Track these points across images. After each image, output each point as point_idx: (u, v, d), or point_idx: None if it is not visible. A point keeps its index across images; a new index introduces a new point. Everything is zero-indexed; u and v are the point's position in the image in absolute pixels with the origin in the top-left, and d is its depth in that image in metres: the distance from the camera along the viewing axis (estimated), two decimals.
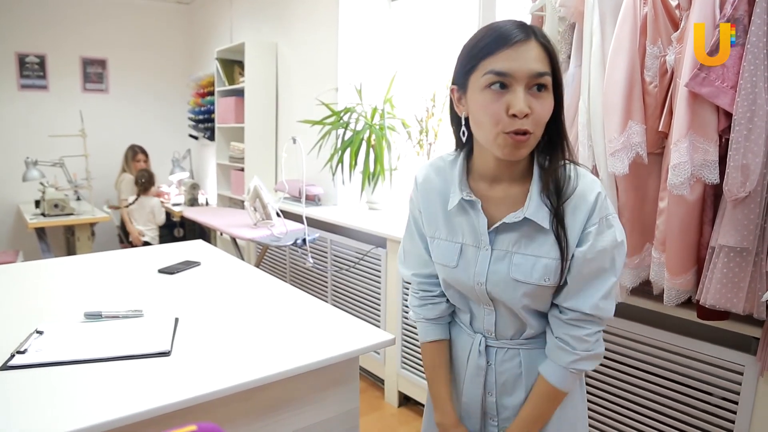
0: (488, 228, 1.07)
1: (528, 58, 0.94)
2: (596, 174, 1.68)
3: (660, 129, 1.58)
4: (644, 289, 1.72)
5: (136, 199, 4.68)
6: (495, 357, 1.18)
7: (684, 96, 1.45)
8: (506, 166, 1.06)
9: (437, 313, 1.24)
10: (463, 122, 1.06)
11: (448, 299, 1.23)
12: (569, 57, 1.83)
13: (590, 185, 1.03)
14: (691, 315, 1.63)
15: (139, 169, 4.87)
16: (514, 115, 0.94)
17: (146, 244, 4.63)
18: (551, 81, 0.98)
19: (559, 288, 1.06)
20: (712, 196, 1.52)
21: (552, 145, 1.05)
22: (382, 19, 3.65)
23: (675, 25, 1.56)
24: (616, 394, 1.87)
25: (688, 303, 1.61)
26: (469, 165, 1.12)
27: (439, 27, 3.25)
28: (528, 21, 1.97)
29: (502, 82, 0.95)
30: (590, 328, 1.06)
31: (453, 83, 1.07)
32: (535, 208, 1.03)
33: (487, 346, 1.18)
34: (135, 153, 5.00)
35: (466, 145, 1.13)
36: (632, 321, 1.81)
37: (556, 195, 1.02)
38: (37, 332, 1.37)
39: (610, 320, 1.79)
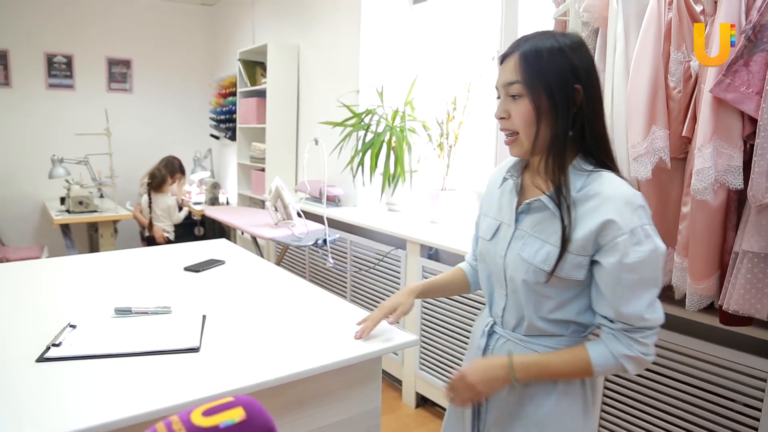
0: (517, 208, 1.19)
1: (505, 71, 1.12)
2: None
3: (683, 134, 1.58)
4: (666, 293, 1.72)
5: (150, 200, 4.71)
6: (495, 342, 1.26)
7: (708, 101, 1.45)
8: (535, 161, 1.17)
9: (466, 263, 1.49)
10: None
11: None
12: None
13: (618, 194, 1.06)
14: (713, 320, 1.62)
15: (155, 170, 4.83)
16: (499, 118, 1.14)
17: (169, 242, 4.69)
18: (524, 88, 1.09)
19: (595, 293, 1.11)
20: (736, 202, 1.52)
21: (575, 146, 1.12)
22: (404, 22, 3.67)
23: None
24: (637, 399, 1.87)
25: (711, 308, 1.61)
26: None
27: (460, 30, 3.26)
28: (551, 26, 1.99)
29: (497, 96, 1.16)
30: (645, 332, 1.09)
31: None
32: (552, 195, 1.11)
33: (492, 331, 1.27)
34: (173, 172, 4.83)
35: None
36: None
37: (562, 189, 1.09)
38: (71, 326, 1.42)
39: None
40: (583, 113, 1.09)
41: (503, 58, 1.14)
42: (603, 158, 1.12)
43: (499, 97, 1.15)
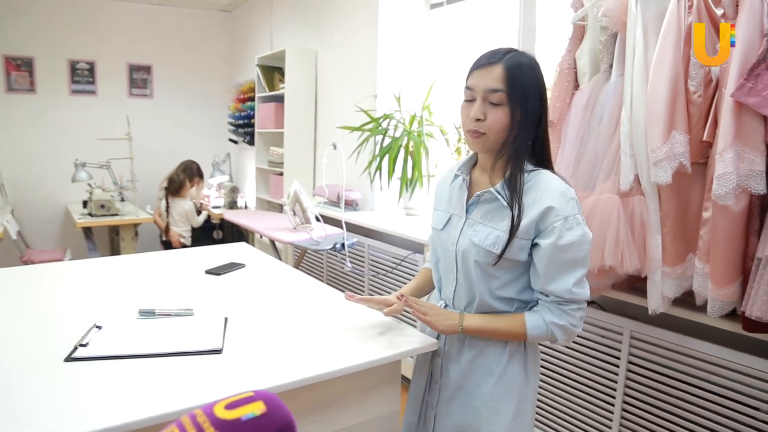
0: (467, 201, 1.36)
1: (487, 79, 1.25)
2: (638, 183, 1.68)
3: (704, 139, 1.58)
4: (686, 299, 1.71)
5: (167, 204, 4.77)
6: None
7: (730, 106, 1.44)
8: (486, 158, 1.35)
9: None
10: None
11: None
12: (611, 66, 1.84)
13: (554, 187, 1.26)
14: (735, 327, 1.61)
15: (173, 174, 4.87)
16: (476, 119, 1.25)
17: (184, 246, 4.72)
18: (505, 97, 1.24)
19: (533, 273, 1.30)
20: (759, 207, 1.51)
21: (519, 149, 1.28)
22: (421, 27, 3.69)
23: None
24: (657, 405, 1.86)
25: (733, 314, 1.60)
26: (478, 158, 1.42)
27: (477, 35, 3.27)
28: (569, 31, 1.99)
29: (469, 97, 1.29)
30: (572, 305, 1.28)
31: None
32: (500, 188, 1.30)
33: None
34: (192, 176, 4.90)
35: None
36: (674, 332, 1.80)
37: (516, 184, 1.27)
38: (96, 327, 1.45)
39: (652, 331, 1.79)
40: (541, 124, 1.29)
41: (484, 65, 1.27)
42: (544, 160, 1.32)
43: (470, 100, 1.28)
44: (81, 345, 1.33)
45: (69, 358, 1.27)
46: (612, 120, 1.78)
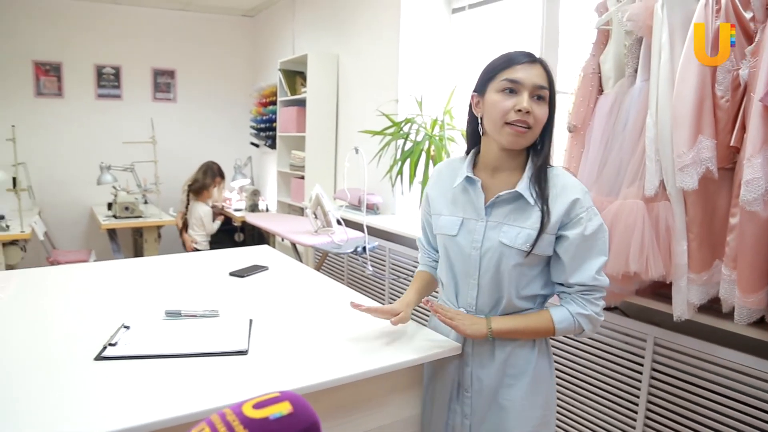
0: (485, 203, 1.36)
1: (533, 74, 1.29)
2: (664, 188, 1.67)
3: (731, 144, 1.56)
4: (713, 306, 1.69)
5: (187, 205, 4.81)
6: None
7: (759, 111, 1.43)
8: (506, 158, 1.36)
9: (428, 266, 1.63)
10: (480, 121, 1.37)
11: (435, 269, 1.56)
12: (636, 71, 1.83)
13: (572, 180, 1.35)
14: (763, 335, 1.59)
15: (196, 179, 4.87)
16: (520, 110, 1.26)
17: (195, 250, 4.71)
18: (548, 94, 1.30)
19: (555, 266, 1.35)
20: None
21: (543, 148, 1.35)
22: (443, 31, 3.70)
23: (749, 38, 1.54)
24: (681, 414, 1.84)
25: (761, 322, 1.58)
26: (477, 160, 1.42)
27: (499, 39, 3.26)
28: (593, 35, 1.98)
29: (512, 88, 1.29)
30: (596, 293, 1.33)
31: (474, 91, 1.38)
32: (524, 187, 1.32)
33: None
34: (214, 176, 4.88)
35: (475, 145, 1.43)
36: (700, 339, 1.78)
37: (543, 180, 1.32)
38: (125, 327, 1.48)
39: (676, 338, 1.77)
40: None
41: (527, 62, 1.30)
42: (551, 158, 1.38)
43: (512, 92, 1.29)
44: (110, 344, 1.35)
45: (99, 357, 1.30)
46: (637, 125, 1.77)
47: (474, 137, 1.42)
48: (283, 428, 0.66)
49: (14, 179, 4.85)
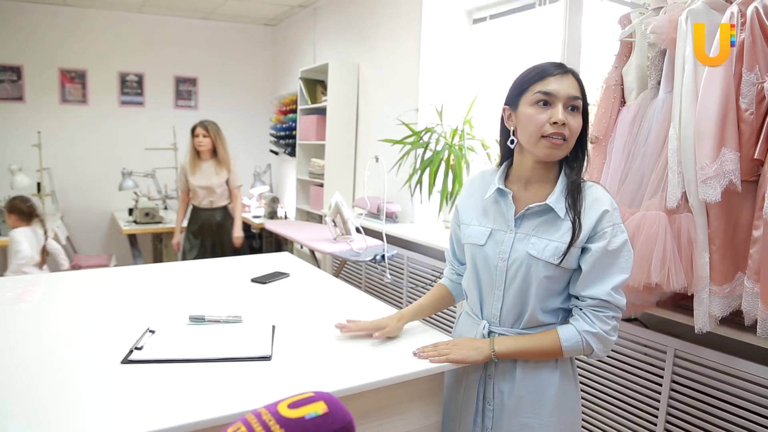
0: (515, 215, 1.35)
1: (566, 86, 1.28)
2: (686, 200, 1.67)
3: (755, 157, 1.55)
4: (735, 319, 1.68)
5: None
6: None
7: None
8: (540, 170, 1.35)
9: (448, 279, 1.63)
10: (512, 134, 1.36)
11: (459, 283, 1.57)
12: (659, 83, 1.83)
13: (604, 195, 1.32)
14: None
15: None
16: (555, 123, 1.25)
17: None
18: (582, 105, 1.29)
19: (574, 278, 1.32)
20: None
21: (576, 160, 1.35)
22: (464, 41, 3.72)
23: None
24: (701, 426, 1.82)
25: None
26: (509, 172, 1.42)
27: (519, 49, 3.27)
28: (616, 47, 1.99)
29: (546, 100, 1.27)
30: (608, 311, 1.29)
31: (505, 104, 1.38)
32: (555, 199, 1.31)
33: (490, 332, 1.41)
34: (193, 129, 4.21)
35: (508, 158, 1.42)
36: (721, 352, 1.77)
37: (576, 194, 1.30)
38: (150, 331, 1.51)
39: (697, 350, 1.76)
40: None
41: (560, 73, 1.29)
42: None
43: (546, 104, 1.27)
44: (136, 348, 1.38)
45: (126, 361, 1.32)
46: (659, 136, 1.77)
47: (506, 149, 1.41)
48: (318, 428, 0.67)
49: (39, 184, 4.96)
